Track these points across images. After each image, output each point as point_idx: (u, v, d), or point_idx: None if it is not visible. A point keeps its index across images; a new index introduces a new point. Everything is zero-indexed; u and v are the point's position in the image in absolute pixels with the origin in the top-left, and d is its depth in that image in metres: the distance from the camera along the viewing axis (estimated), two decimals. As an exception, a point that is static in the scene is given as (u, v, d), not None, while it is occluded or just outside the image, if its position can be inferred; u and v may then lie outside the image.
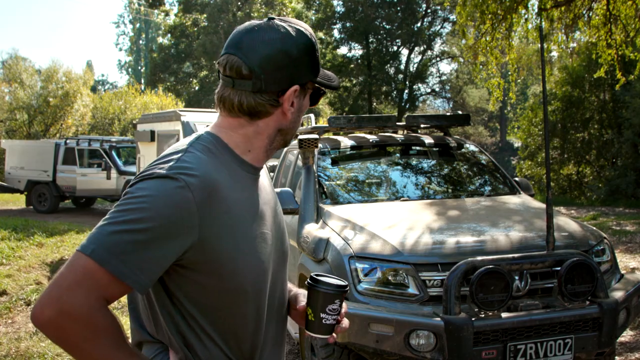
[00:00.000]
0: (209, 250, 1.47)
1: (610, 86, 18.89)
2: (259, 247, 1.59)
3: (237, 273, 1.52)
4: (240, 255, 1.53)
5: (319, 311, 1.67)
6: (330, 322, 1.68)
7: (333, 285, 1.68)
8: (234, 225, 1.52)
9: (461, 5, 11.99)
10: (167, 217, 1.39)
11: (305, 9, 35.59)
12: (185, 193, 1.41)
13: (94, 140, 19.14)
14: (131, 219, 1.38)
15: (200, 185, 1.43)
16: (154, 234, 1.38)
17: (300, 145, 5.09)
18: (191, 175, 1.43)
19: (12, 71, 33.24)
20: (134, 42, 68.31)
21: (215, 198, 1.47)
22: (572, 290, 3.67)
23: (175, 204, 1.40)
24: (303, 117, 6.95)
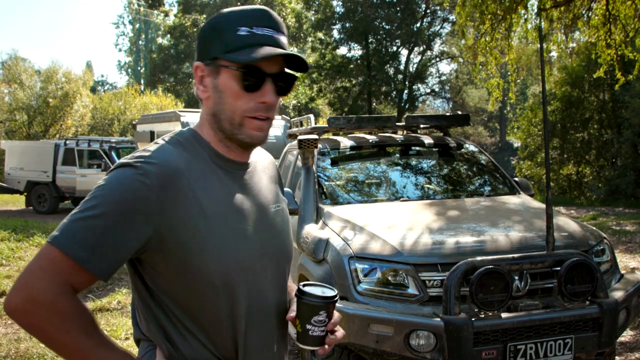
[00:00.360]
0: (172, 240, 1.48)
1: (609, 86, 18.90)
2: (232, 243, 1.56)
3: (203, 266, 1.50)
4: (207, 248, 1.51)
5: (304, 322, 1.63)
6: (317, 334, 1.63)
7: (318, 297, 1.63)
8: (201, 217, 1.51)
9: (460, 5, 11.99)
10: (120, 202, 1.42)
11: (304, 10, 35.59)
12: (141, 179, 1.44)
13: (94, 141, 19.14)
14: (89, 207, 1.43)
15: (158, 172, 1.46)
16: (108, 219, 1.41)
17: (300, 145, 5.09)
18: (150, 163, 1.46)
19: (11, 72, 33.24)
20: (133, 43, 68.29)
21: (178, 187, 1.48)
22: (572, 291, 3.67)
23: (130, 189, 1.43)
24: (302, 117, 6.93)
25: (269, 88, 1.57)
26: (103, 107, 34.80)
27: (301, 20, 36.03)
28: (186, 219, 1.49)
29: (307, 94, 36.21)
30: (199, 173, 1.55)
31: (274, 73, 1.58)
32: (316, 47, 34.56)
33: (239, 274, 1.57)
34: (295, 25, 36.18)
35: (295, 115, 33.10)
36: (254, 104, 1.56)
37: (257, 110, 1.57)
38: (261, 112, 1.57)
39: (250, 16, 1.56)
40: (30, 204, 19.54)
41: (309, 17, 35.73)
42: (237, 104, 1.56)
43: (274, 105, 1.60)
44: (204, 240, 1.50)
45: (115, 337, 6.13)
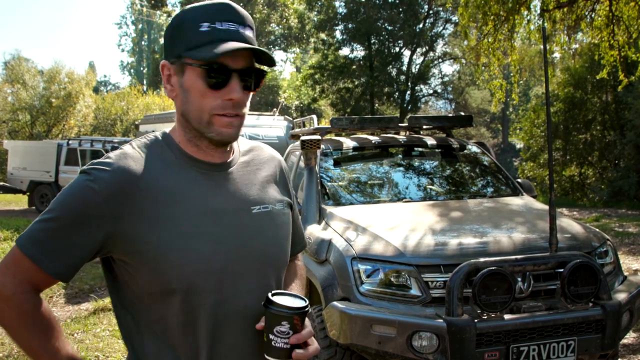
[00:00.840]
0: (129, 244, 1.49)
1: (612, 87, 18.87)
2: (197, 246, 1.51)
3: (163, 269, 1.49)
4: (168, 250, 1.48)
5: (267, 332, 1.55)
6: (279, 346, 1.54)
7: (280, 306, 1.54)
8: (161, 221, 1.49)
9: (463, 6, 11.99)
10: (71, 207, 1.47)
11: (307, 10, 35.58)
12: (91, 185, 1.46)
13: (96, 141, 19.16)
14: (48, 210, 1.49)
15: (108, 178, 1.47)
16: (60, 222, 1.46)
17: (303, 146, 5.09)
18: (103, 170, 1.48)
19: (14, 72, 33.29)
20: (136, 43, 68.35)
21: (132, 192, 1.48)
22: (575, 292, 3.66)
23: (79, 195, 1.47)
24: (305, 118, 6.94)
25: (235, 84, 1.52)
26: (106, 107, 34.86)
27: (304, 21, 36.03)
28: (146, 221, 1.48)
29: (309, 94, 36.20)
30: (162, 176, 1.53)
31: (240, 69, 1.53)
32: (319, 48, 34.54)
33: (206, 278, 1.53)
34: (298, 26, 36.19)
35: (298, 116, 33.10)
36: (221, 102, 1.52)
37: (224, 108, 1.53)
38: (229, 109, 1.53)
39: (212, 11, 1.52)
40: (33, 204, 19.57)
41: (312, 18, 35.71)
42: (203, 102, 1.53)
43: (241, 101, 1.56)
44: (164, 244, 1.48)
45: (117, 337, 6.13)
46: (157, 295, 1.52)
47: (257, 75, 1.59)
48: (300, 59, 48.74)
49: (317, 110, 35.53)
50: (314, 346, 1.61)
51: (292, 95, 38.11)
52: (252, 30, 1.57)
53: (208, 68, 1.50)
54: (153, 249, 1.48)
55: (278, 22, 36.73)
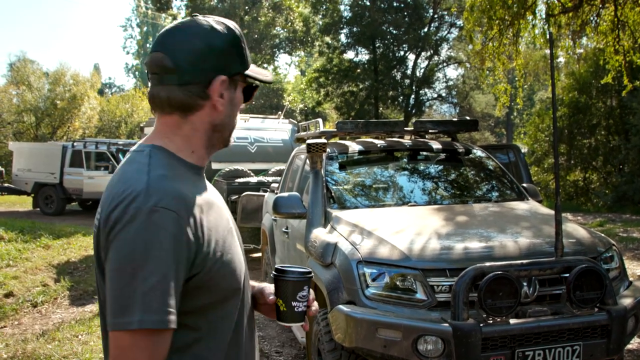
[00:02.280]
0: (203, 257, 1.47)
1: (617, 92, 18.83)
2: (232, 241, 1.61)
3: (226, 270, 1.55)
4: (225, 253, 1.54)
5: (290, 300, 1.70)
6: (302, 310, 1.71)
7: (300, 273, 1.71)
8: (207, 225, 1.51)
9: (468, 10, 12.00)
10: (168, 250, 1.38)
11: (312, 14, 35.60)
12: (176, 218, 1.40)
13: (101, 143, 19.22)
14: (136, 270, 1.36)
15: (179, 204, 1.43)
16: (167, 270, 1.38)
17: (309, 149, 5.10)
18: (169, 197, 1.42)
19: (20, 74, 33.40)
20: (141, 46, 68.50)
21: (191, 210, 1.46)
22: (581, 297, 3.66)
23: (170, 232, 1.39)
24: (310, 122, 6.97)
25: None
26: (110, 109, 34.97)
27: (309, 25, 36.04)
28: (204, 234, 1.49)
29: (314, 98, 36.20)
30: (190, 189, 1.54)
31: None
32: (323, 52, 34.53)
33: (245, 272, 1.66)
34: (302, 29, 36.19)
35: (302, 119, 33.12)
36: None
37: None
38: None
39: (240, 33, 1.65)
40: (38, 206, 19.61)
41: (317, 22, 35.73)
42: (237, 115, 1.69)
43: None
44: (220, 247, 1.53)
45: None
46: (221, 301, 1.56)
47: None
48: (304, 62, 48.78)
49: (321, 114, 35.54)
50: (315, 303, 1.80)
51: (296, 98, 38.13)
52: None
53: (255, 87, 1.69)
54: (211, 260, 1.49)
55: (283, 25, 36.73)
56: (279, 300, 1.71)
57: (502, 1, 11.26)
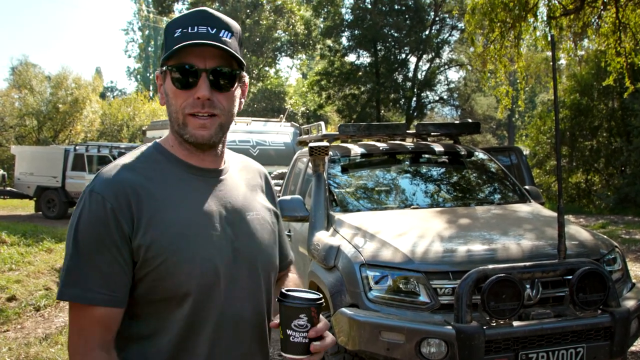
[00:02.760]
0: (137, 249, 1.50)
1: (619, 94, 18.84)
2: (192, 247, 1.53)
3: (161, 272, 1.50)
4: (164, 254, 1.50)
5: (285, 327, 1.55)
6: (298, 341, 1.54)
7: (297, 298, 1.55)
8: (156, 223, 1.51)
9: (470, 13, 12.02)
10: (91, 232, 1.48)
11: (313, 17, 35.64)
12: (100, 203, 1.48)
13: (103, 147, 19.26)
14: (68, 247, 1.52)
15: (114, 191, 1.49)
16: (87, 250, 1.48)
17: (311, 152, 5.10)
18: (104, 186, 1.51)
19: (22, 77, 33.42)
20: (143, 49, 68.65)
21: (135, 198, 1.50)
22: (584, 299, 3.66)
23: (94, 217, 1.48)
24: (312, 125, 6.96)
25: (203, 82, 1.55)
26: (112, 113, 34.99)
27: (310, 28, 36.08)
28: (143, 228, 1.49)
29: (315, 101, 36.24)
30: (156, 181, 1.56)
31: (209, 68, 1.56)
32: (325, 55, 34.57)
33: (202, 282, 1.54)
34: (304, 32, 36.23)
35: (304, 122, 33.13)
36: (191, 100, 1.56)
37: (194, 107, 1.56)
38: (198, 107, 1.56)
39: (187, 18, 1.59)
40: (40, 209, 19.63)
41: (318, 25, 35.77)
42: (177, 102, 1.57)
43: (210, 100, 1.56)
44: (159, 248, 1.50)
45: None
46: (160, 302, 1.53)
47: (229, 74, 1.60)
48: (306, 65, 48.81)
49: (323, 117, 35.55)
50: (330, 338, 1.62)
51: (298, 101, 38.16)
52: (229, 32, 1.60)
53: (176, 69, 1.56)
54: (160, 254, 1.49)
55: (284, 28, 36.77)
56: (280, 327, 1.58)
57: (504, 4, 11.28)
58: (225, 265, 1.58)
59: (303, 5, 36.81)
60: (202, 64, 1.55)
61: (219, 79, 1.57)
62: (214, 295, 1.56)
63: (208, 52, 1.55)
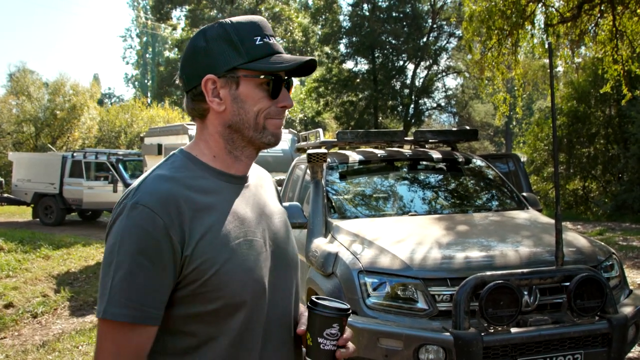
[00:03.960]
0: (190, 262, 1.46)
1: (616, 101, 18.87)
2: (242, 253, 1.53)
3: (214, 282, 1.47)
4: (216, 263, 1.47)
5: (316, 335, 1.57)
6: (328, 348, 1.57)
7: (332, 308, 1.58)
8: (204, 231, 1.48)
9: (467, 20, 12.07)
10: (140, 245, 1.41)
11: (311, 24, 35.75)
12: (149, 214, 1.42)
13: (101, 153, 19.22)
14: (110, 263, 1.43)
15: (162, 202, 1.44)
16: (136, 265, 1.41)
17: (309, 159, 5.11)
18: (151, 196, 1.45)
19: (19, 84, 33.39)
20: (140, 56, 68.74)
21: (183, 210, 1.45)
22: (582, 306, 3.67)
23: (141, 228, 1.41)
24: (311, 132, 6.96)
25: (286, 92, 1.61)
26: (110, 119, 34.96)
27: (308, 35, 36.19)
28: (193, 240, 1.46)
29: (313, 107, 36.30)
30: (200, 194, 1.53)
31: (285, 79, 1.61)
32: (323, 61, 34.64)
33: (257, 287, 1.55)
34: (302, 39, 36.34)
35: (302, 129, 33.16)
36: (275, 109, 1.59)
37: (279, 114, 1.60)
38: (281, 114, 1.61)
39: (256, 26, 1.58)
40: (37, 216, 19.58)
41: (316, 32, 35.87)
42: (261, 109, 1.57)
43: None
44: (211, 257, 1.47)
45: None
46: (211, 314, 1.49)
47: (291, 84, 1.67)
48: (304, 72, 48.82)
49: (321, 124, 35.59)
50: (352, 346, 1.66)
51: (296, 108, 38.21)
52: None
53: (271, 79, 1.56)
54: (209, 268, 1.46)
55: (282, 35, 36.87)
56: (307, 334, 1.60)
57: (501, 11, 11.34)
58: (269, 271, 1.60)
59: (301, 13, 36.94)
60: (283, 74, 1.60)
61: (290, 88, 1.65)
62: (262, 301, 1.57)
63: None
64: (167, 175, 1.52)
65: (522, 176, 6.99)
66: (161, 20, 37.97)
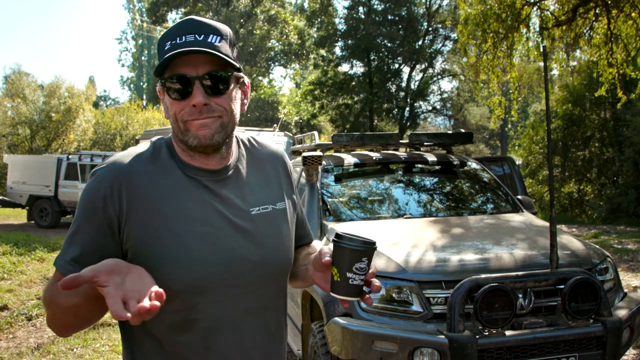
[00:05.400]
0: (132, 238, 1.54)
1: (611, 104, 18.94)
2: (192, 246, 1.55)
3: (156, 266, 1.50)
4: (160, 250, 1.53)
5: (345, 270, 1.53)
6: (357, 283, 1.53)
7: (361, 242, 1.53)
8: (154, 217, 1.55)
9: (463, 24, 12.10)
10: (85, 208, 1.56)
11: (307, 27, 35.78)
12: (97, 184, 1.55)
13: (96, 156, 19.21)
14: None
15: (109, 174, 1.56)
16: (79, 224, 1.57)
17: (305, 162, 5.11)
18: (104, 168, 1.58)
19: (15, 86, 33.32)
20: (136, 59, 68.69)
21: (132, 187, 1.55)
22: (576, 309, 3.68)
23: (90, 195, 1.56)
24: (306, 134, 6.97)
25: (197, 90, 1.55)
26: (105, 122, 34.90)
27: (304, 38, 36.22)
28: (137, 219, 1.54)
29: (309, 110, 36.32)
30: (157, 176, 1.60)
31: (201, 75, 1.56)
32: (318, 64, 34.71)
33: (203, 280, 1.56)
34: (297, 42, 36.37)
35: (297, 132, 33.17)
36: (188, 109, 1.57)
37: (191, 114, 1.57)
38: (196, 115, 1.57)
39: (175, 29, 1.59)
40: (32, 218, 19.56)
41: (312, 35, 35.91)
42: (176, 112, 1.59)
43: (207, 105, 1.57)
44: (156, 243, 1.53)
45: (117, 352, 6.12)
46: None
47: (223, 77, 1.61)
48: (299, 75, 48.94)
49: (316, 126, 35.62)
50: (377, 281, 1.62)
51: (291, 111, 38.23)
52: (220, 37, 1.60)
53: (169, 81, 1.57)
54: (146, 247, 1.52)
55: (278, 38, 36.90)
56: (334, 269, 1.55)
57: (496, 14, 11.37)
58: (223, 264, 1.58)
59: (297, 15, 36.96)
60: (194, 71, 1.55)
61: (213, 84, 1.58)
62: (206, 295, 1.56)
63: (199, 59, 1.56)
64: (136, 154, 1.62)
65: (517, 179, 7.01)
66: (157, 23, 37.93)
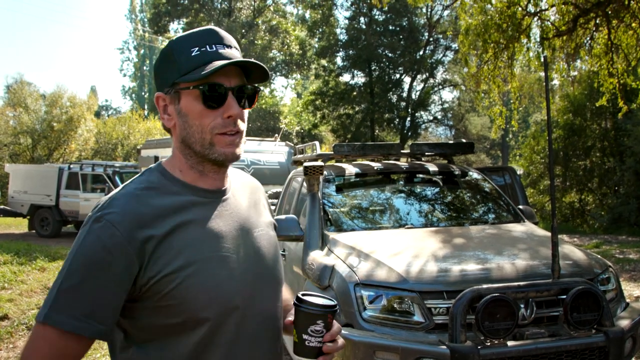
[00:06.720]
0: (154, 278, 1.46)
1: (612, 114, 18.95)
2: (214, 270, 1.53)
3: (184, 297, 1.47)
4: (187, 279, 1.47)
5: (301, 332, 1.58)
6: (314, 345, 1.57)
7: (316, 305, 1.58)
8: (176, 250, 1.49)
9: (464, 34, 12.12)
10: (91, 258, 1.42)
11: (308, 37, 35.88)
12: (109, 229, 1.43)
13: (97, 165, 19.22)
14: (63, 271, 1.45)
15: (123, 219, 1.45)
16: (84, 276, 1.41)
17: (306, 172, 5.11)
18: (113, 213, 1.45)
19: (17, 96, 33.42)
20: (138, 68, 68.86)
21: (148, 228, 1.46)
22: (578, 319, 3.66)
23: (98, 242, 1.43)
24: (307, 144, 6.97)
25: (232, 101, 1.55)
26: (107, 131, 34.98)
27: (305, 48, 36.31)
28: (161, 257, 1.47)
29: (310, 120, 36.35)
30: (167, 209, 1.52)
31: (234, 86, 1.56)
32: (320, 74, 34.78)
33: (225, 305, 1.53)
34: (299, 52, 36.45)
35: (298, 142, 33.21)
36: (221, 120, 1.54)
37: (225, 126, 1.55)
38: (230, 126, 1.55)
39: (199, 36, 1.58)
40: (33, 228, 19.56)
41: (313, 45, 36.00)
42: (204, 123, 1.55)
43: (240, 117, 1.57)
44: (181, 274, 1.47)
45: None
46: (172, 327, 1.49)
47: (251, 92, 1.62)
48: (301, 85, 49.02)
49: (317, 136, 35.64)
50: (341, 341, 1.64)
51: (292, 121, 38.27)
52: (237, 51, 1.61)
53: (204, 88, 1.53)
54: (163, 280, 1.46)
55: (279, 48, 37.00)
56: (294, 330, 1.61)
57: (497, 25, 11.39)
58: (243, 288, 1.58)
59: (298, 26, 37.07)
60: (227, 82, 1.55)
61: (242, 97, 1.59)
62: (231, 318, 1.55)
63: (231, 71, 1.55)
64: (138, 191, 1.54)
65: (518, 189, 7.00)
66: (159, 33, 38.05)
